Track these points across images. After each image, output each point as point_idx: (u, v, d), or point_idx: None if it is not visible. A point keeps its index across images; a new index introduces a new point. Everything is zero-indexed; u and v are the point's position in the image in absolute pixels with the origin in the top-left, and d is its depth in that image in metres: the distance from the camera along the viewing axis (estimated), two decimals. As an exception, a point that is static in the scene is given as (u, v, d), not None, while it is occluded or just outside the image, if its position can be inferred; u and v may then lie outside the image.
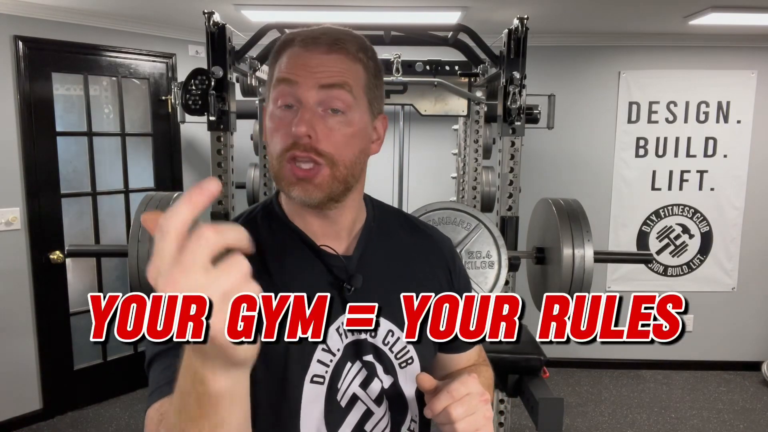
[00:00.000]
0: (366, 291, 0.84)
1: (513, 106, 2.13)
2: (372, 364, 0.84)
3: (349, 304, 0.81)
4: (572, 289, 2.01)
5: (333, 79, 0.76)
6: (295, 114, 0.76)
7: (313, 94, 0.76)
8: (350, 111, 0.78)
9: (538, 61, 3.51)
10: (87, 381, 3.49)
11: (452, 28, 2.45)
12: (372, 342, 0.84)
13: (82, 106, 3.35)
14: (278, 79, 0.78)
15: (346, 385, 0.83)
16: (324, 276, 0.83)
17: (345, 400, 0.83)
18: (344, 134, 0.78)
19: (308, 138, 0.75)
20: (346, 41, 0.79)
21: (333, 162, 0.77)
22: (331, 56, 0.77)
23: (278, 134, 0.78)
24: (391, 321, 0.85)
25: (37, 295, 3.24)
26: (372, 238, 0.89)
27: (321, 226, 0.84)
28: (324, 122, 0.77)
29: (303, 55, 0.77)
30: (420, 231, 0.96)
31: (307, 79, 0.76)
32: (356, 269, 0.85)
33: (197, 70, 2.24)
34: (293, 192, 0.77)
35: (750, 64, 3.89)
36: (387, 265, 0.89)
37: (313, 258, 0.84)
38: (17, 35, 3.03)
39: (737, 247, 4.06)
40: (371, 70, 0.82)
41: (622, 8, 3.12)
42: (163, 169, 3.73)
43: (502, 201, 2.30)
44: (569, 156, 3.99)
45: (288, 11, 3.09)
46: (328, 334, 0.81)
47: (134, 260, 2.04)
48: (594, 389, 3.86)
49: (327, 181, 0.78)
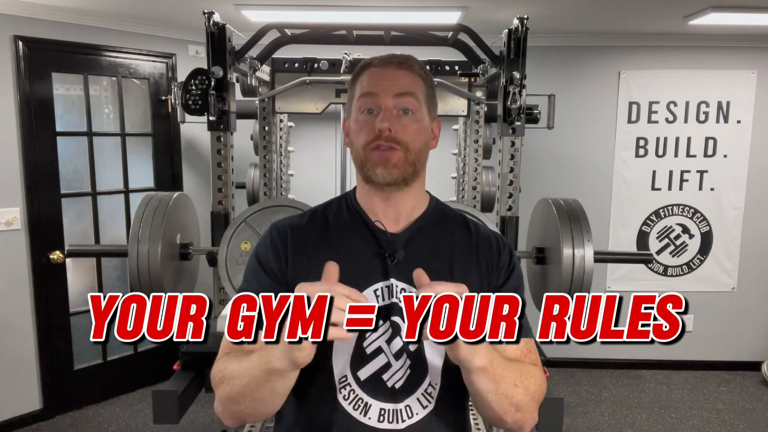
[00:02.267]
0: (407, 264, 0.98)
1: (513, 106, 2.13)
2: (397, 325, 0.98)
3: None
4: (572, 289, 2.01)
5: (404, 89, 1.00)
6: (375, 117, 0.99)
7: (390, 100, 0.99)
8: (417, 112, 1.01)
9: (538, 61, 3.51)
10: (87, 381, 3.49)
11: (452, 28, 2.45)
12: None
13: (82, 106, 3.35)
14: (362, 93, 1.01)
15: (374, 338, 0.98)
16: (372, 247, 1.02)
17: (370, 349, 0.98)
18: (414, 129, 1.00)
19: (389, 131, 0.97)
20: (411, 62, 1.04)
21: (407, 148, 0.99)
22: (400, 72, 1.02)
23: (363, 132, 1.00)
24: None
25: (37, 295, 3.24)
26: (425, 225, 1.06)
27: (384, 208, 1.04)
28: (399, 120, 0.99)
29: (379, 72, 1.02)
30: (473, 229, 1.10)
31: (385, 90, 1.00)
32: (402, 245, 1.02)
33: (197, 70, 2.24)
34: (377, 170, 0.98)
35: (750, 64, 3.89)
36: (432, 248, 1.04)
37: (367, 232, 1.03)
38: (17, 35, 3.03)
39: (737, 247, 4.06)
40: (429, 84, 1.06)
41: (622, 8, 3.12)
42: (163, 169, 3.73)
43: (502, 201, 2.30)
44: (569, 156, 3.99)
45: (288, 11, 3.09)
46: (366, 291, 0.98)
47: (134, 260, 2.04)
48: (594, 389, 3.86)
49: (401, 162, 0.99)
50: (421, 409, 0.98)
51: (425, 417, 0.98)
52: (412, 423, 0.98)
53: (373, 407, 0.97)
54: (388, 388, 0.98)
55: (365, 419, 0.97)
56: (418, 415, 0.98)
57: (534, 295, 2.36)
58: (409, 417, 0.98)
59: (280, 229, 1.06)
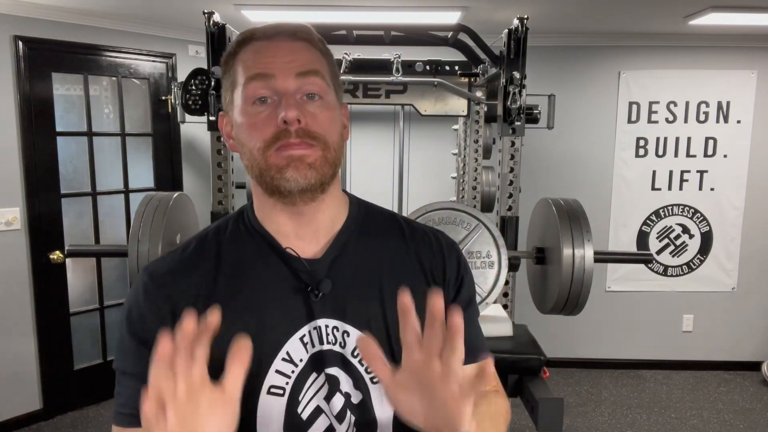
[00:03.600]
0: (335, 297, 0.78)
1: (513, 106, 2.13)
2: (335, 378, 0.78)
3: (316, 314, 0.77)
4: (572, 288, 2.01)
5: (307, 66, 0.76)
6: (271, 107, 0.75)
7: (291, 82, 0.75)
8: (326, 96, 0.78)
9: (538, 61, 3.51)
10: (87, 381, 3.49)
11: (452, 28, 2.45)
12: (340, 352, 0.78)
13: (82, 106, 3.35)
14: (250, 76, 0.75)
15: (308, 398, 0.77)
16: (289, 281, 0.79)
17: (307, 413, 0.77)
18: (327, 117, 0.77)
19: (297, 123, 0.73)
20: (306, 31, 0.79)
21: (326, 144, 0.76)
22: (296, 44, 0.77)
23: (257, 129, 0.75)
24: (362, 330, 0.78)
25: (37, 295, 3.24)
26: (350, 240, 0.83)
27: (295, 227, 0.80)
28: (306, 107, 0.75)
29: (269, 46, 0.76)
30: (408, 232, 0.87)
31: (281, 69, 0.75)
32: (327, 273, 0.79)
33: (197, 70, 2.24)
34: (287, 174, 0.74)
35: (750, 64, 3.89)
36: (363, 269, 0.82)
37: (278, 263, 0.79)
38: (17, 35, 3.03)
39: (737, 247, 4.06)
40: (331, 60, 0.82)
41: (622, 8, 3.12)
42: (163, 169, 3.73)
43: (502, 201, 2.30)
44: (569, 156, 3.99)
45: (288, 11, 3.09)
46: (289, 342, 0.77)
47: (134, 260, 2.04)
48: (594, 389, 3.86)
49: (320, 162, 0.75)
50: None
51: None
52: None
53: None
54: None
55: None
56: None
57: (534, 295, 2.35)
58: None
59: (156, 279, 0.78)
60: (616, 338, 4.15)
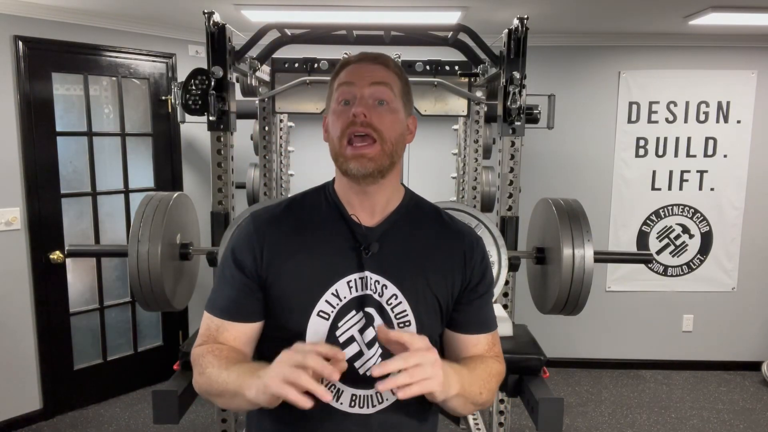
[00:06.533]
0: (381, 258, 1.04)
1: (513, 106, 2.13)
2: (371, 315, 1.03)
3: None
4: (572, 288, 2.01)
5: (379, 78, 1.03)
6: (350, 107, 1.01)
7: (366, 89, 1.02)
8: (392, 103, 1.03)
9: (538, 61, 3.51)
10: (87, 381, 3.49)
11: (452, 28, 2.45)
12: (378, 300, 1.03)
13: (82, 106, 3.35)
14: (339, 83, 1.04)
15: (347, 327, 1.02)
16: (348, 240, 1.05)
17: (343, 338, 1.02)
18: (390, 118, 1.02)
19: (364, 116, 0.99)
20: (384, 58, 1.07)
21: (383, 138, 1.01)
22: (376, 65, 1.05)
23: (339, 121, 1.02)
24: (397, 287, 1.03)
25: (37, 295, 3.24)
26: (399, 219, 1.08)
27: (360, 201, 1.06)
28: (375, 109, 1.01)
29: (356, 66, 1.06)
30: (447, 223, 1.13)
31: (360, 80, 1.03)
32: (377, 239, 1.05)
33: (197, 70, 2.24)
34: (351, 165, 1.00)
35: (750, 64, 3.89)
36: (406, 242, 1.07)
37: (343, 224, 1.06)
38: (17, 35, 3.03)
39: (737, 247, 4.06)
40: (404, 81, 1.09)
41: (622, 8, 3.12)
42: (163, 169, 3.73)
43: (502, 201, 2.30)
44: (569, 156, 3.99)
45: (288, 11, 3.09)
46: (339, 283, 1.02)
47: (134, 260, 2.04)
48: (594, 389, 3.86)
49: (378, 154, 1.00)
50: (390, 395, 1.01)
51: (394, 402, 1.03)
52: (381, 408, 1.04)
53: (345, 393, 1.02)
54: (360, 375, 1.02)
55: (337, 404, 1.02)
56: (388, 400, 1.04)
57: (534, 295, 2.35)
58: (379, 402, 1.04)
59: (257, 223, 1.08)
60: (616, 338, 4.16)
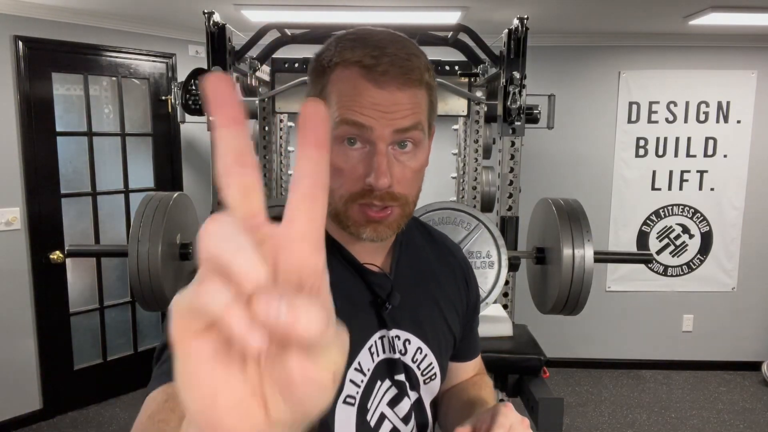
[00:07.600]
0: (399, 308, 0.82)
1: (513, 106, 2.13)
2: (403, 383, 0.82)
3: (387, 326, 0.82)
4: (572, 288, 2.01)
5: (407, 121, 0.70)
6: (360, 153, 0.71)
7: (388, 136, 0.70)
8: (419, 145, 0.74)
9: (538, 61, 3.51)
10: (87, 381, 3.49)
11: (452, 28, 2.45)
12: (403, 360, 0.83)
13: (82, 106, 3.35)
14: (345, 119, 0.69)
15: (375, 405, 0.80)
16: (363, 293, 0.81)
17: (374, 420, 0.80)
18: (413, 170, 0.74)
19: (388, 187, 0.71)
20: (414, 68, 0.70)
21: (406, 202, 0.75)
22: (405, 94, 0.70)
23: (343, 176, 0.72)
24: (421, 339, 0.84)
25: (37, 295, 3.24)
26: (402, 251, 0.86)
27: (362, 245, 0.79)
28: (397, 164, 0.72)
29: (373, 94, 0.69)
30: (433, 238, 0.94)
31: (380, 122, 0.69)
32: (394, 285, 0.83)
33: (197, 70, 2.25)
34: (363, 233, 0.74)
35: (750, 64, 3.89)
36: (416, 279, 0.87)
37: (355, 276, 0.80)
38: (17, 35, 3.03)
39: (737, 247, 4.06)
40: (433, 91, 0.76)
41: (622, 8, 3.12)
42: (163, 169, 3.73)
43: (502, 201, 2.30)
44: (569, 156, 3.99)
45: (288, 11, 3.09)
46: (361, 353, 0.79)
47: (134, 260, 2.04)
48: (594, 389, 3.86)
49: (397, 220, 0.75)
50: None
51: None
52: None
53: None
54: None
55: None
56: None
57: (534, 295, 2.35)
58: None
59: None
60: (616, 338, 4.15)
